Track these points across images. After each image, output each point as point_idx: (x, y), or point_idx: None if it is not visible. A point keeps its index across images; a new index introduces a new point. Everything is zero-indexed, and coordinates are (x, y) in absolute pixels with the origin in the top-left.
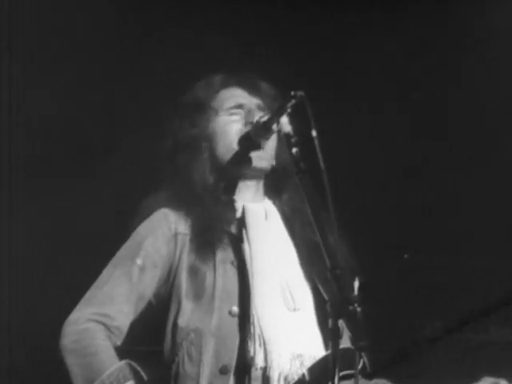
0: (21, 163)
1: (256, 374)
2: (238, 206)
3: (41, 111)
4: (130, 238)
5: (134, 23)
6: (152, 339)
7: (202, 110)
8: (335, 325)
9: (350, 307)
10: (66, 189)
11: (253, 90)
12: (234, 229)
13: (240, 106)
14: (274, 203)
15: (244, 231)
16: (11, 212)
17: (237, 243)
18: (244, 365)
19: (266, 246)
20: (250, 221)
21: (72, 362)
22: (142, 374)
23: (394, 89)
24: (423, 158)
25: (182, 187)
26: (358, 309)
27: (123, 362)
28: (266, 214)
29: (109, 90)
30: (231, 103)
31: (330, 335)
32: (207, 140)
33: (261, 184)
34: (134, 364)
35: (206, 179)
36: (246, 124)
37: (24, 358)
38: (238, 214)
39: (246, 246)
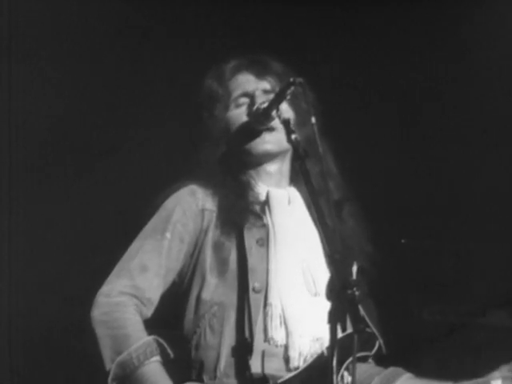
0: (21, 163)
1: (276, 351)
2: (262, 190)
3: (41, 111)
4: (158, 212)
5: (136, 23)
6: (171, 315)
7: (215, 100)
8: (334, 309)
9: (349, 291)
10: (66, 188)
11: (262, 72)
12: (258, 210)
13: (246, 95)
14: (299, 189)
15: (268, 214)
16: (11, 211)
17: (261, 224)
18: (264, 340)
19: (289, 230)
20: (274, 205)
21: (101, 333)
22: (169, 351)
23: (394, 79)
24: (423, 144)
25: (206, 172)
26: (357, 292)
27: (151, 338)
28: (290, 200)
29: (109, 90)
30: (238, 92)
31: (328, 319)
32: (221, 132)
33: (285, 170)
34: (161, 340)
35: (229, 167)
36: (248, 114)
37: (24, 357)
38: (262, 198)
39: (270, 227)
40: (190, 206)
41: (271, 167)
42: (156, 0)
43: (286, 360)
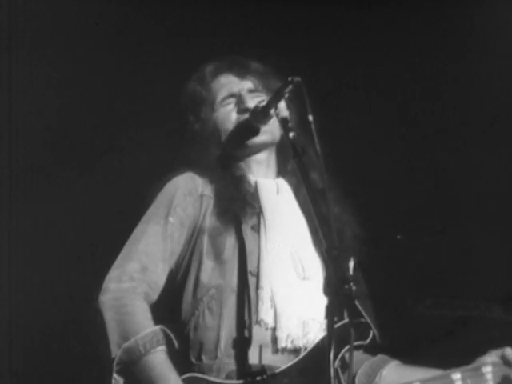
0: (21, 163)
1: (266, 333)
2: (251, 180)
3: (41, 111)
4: (159, 196)
5: (134, 22)
6: (170, 299)
7: (199, 104)
8: (331, 302)
9: (346, 286)
10: (66, 188)
11: (243, 73)
12: (250, 199)
13: (232, 95)
14: (288, 181)
15: (258, 202)
16: (11, 211)
17: (254, 212)
18: (256, 322)
19: (278, 217)
20: (263, 194)
21: (110, 318)
22: (175, 341)
23: (390, 77)
24: (421, 142)
25: (200, 168)
26: (354, 287)
27: (158, 327)
28: (278, 189)
29: (109, 90)
30: (223, 94)
31: (325, 313)
32: (210, 133)
33: (272, 160)
34: (168, 331)
35: (220, 163)
36: (238, 111)
37: (24, 357)
38: (252, 189)
39: (260, 214)
40: (190, 191)
41: (260, 158)
42: (156, 0)
43: (274, 341)
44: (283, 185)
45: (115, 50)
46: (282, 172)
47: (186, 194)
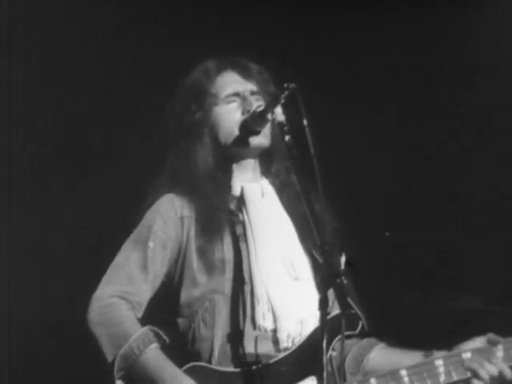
0: (21, 163)
1: (266, 335)
2: (237, 185)
3: (41, 111)
4: (141, 222)
5: (135, 22)
6: (165, 313)
7: (203, 95)
8: (324, 295)
9: (338, 280)
10: (65, 189)
11: (246, 73)
12: (234, 207)
13: (237, 94)
14: (270, 181)
15: (243, 209)
16: (11, 212)
17: (239, 221)
18: (254, 328)
19: (264, 221)
20: (248, 199)
21: (100, 333)
22: (165, 337)
23: (384, 81)
24: (417, 142)
25: (183, 175)
26: (345, 281)
27: (146, 328)
28: (263, 193)
29: (109, 90)
30: (228, 91)
31: (319, 305)
32: (209, 125)
33: (257, 163)
34: (157, 329)
35: (208, 163)
36: (243, 112)
37: (24, 357)
38: (237, 194)
39: (246, 223)
40: (170, 215)
41: (249, 162)
42: (156, 0)
43: (275, 342)
44: (267, 186)
45: (115, 50)
46: (265, 173)
47: (166, 219)
